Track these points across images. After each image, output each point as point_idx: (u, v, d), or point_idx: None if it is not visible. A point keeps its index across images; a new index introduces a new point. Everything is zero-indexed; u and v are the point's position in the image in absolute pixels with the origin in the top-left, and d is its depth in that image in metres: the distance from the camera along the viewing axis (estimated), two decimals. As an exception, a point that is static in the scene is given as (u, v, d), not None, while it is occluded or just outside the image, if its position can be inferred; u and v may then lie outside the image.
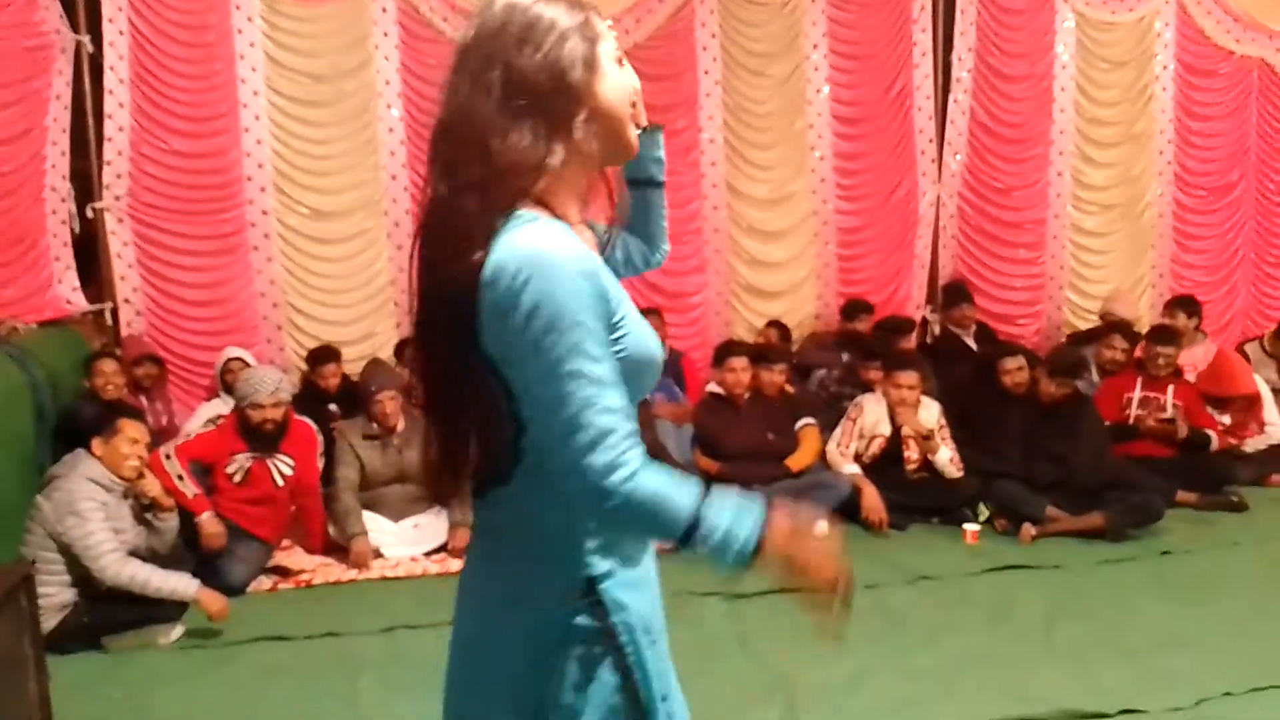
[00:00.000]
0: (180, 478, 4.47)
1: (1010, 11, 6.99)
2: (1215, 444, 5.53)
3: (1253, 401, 5.90)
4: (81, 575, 3.82)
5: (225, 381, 5.61)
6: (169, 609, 3.92)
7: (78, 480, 3.87)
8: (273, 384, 4.65)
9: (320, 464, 4.99)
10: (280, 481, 4.66)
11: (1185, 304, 6.43)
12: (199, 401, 5.91)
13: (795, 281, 7.01)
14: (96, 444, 3.99)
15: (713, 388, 5.55)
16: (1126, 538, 4.80)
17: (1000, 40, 7.02)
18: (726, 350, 5.57)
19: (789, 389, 5.62)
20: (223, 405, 5.34)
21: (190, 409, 5.94)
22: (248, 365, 5.71)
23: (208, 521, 4.43)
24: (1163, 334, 5.68)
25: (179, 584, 3.87)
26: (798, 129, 6.88)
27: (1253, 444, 5.81)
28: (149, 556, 4.03)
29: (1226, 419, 5.84)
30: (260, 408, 4.60)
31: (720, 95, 6.74)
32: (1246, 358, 6.30)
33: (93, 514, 3.81)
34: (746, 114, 6.77)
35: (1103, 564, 4.57)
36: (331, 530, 4.88)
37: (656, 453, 2.18)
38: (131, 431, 4.02)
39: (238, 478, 4.61)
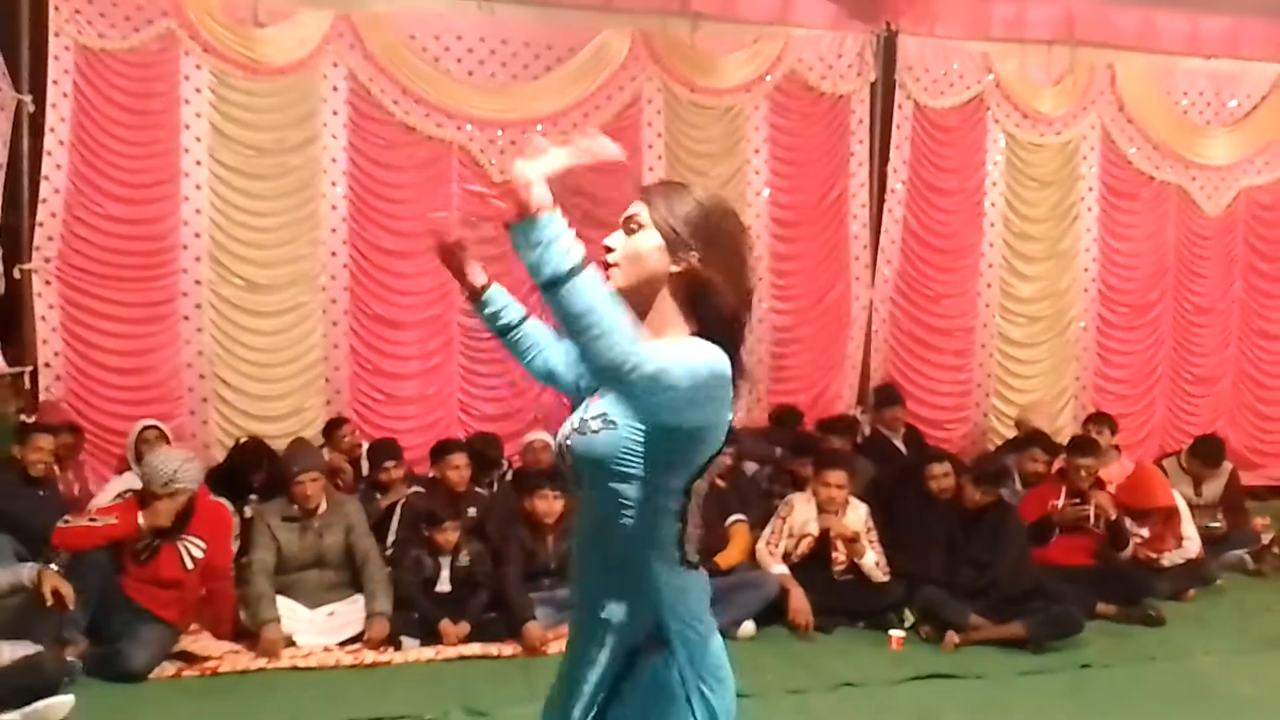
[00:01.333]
0: (92, 520, 4.35)
1: (943, 129, 7.29)
2: (1131, 549, 5.63)
3: (1170, 515, 6.01)
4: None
5: (139, 452, 5.43)
6: (45, 674, 3.76)
7: None
8: (167, 473, 4.37)
9: (235, 546, 4.82)
10: (190, 564, 4.47)
11: (1103, 420, 6.60)
12: (113, 473, 5.72)
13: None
14: None
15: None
16: (1047, 649, 4.82)
17: (933, 155, 7.30)
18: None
19: (720, 483, 5.61)
20: (135, 479, 5.15)
21: (104, 479, 5.74)
22: (163, 435, 5.55)
23: (149, 515, 4.32)
24: (1082, 445, 5.82)
25: (24, 646, 3.75)
26: (737, 229, 7.01)
27: (1170, 558, 5.90)
28: None
29: (1145, 532, 5.94)
30: (155, 496, 4.38)
31: (664, 191, 6.86)
32: (1164, 472, 6.46)
33: None
34: (688, 211, 6.89)
35: (1023, 675, 4.57)
36: (243, 615, 4.68)
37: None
38: None
39: (144, 557, 4.42)
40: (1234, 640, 5.08)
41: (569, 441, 1.79)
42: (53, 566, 4.14)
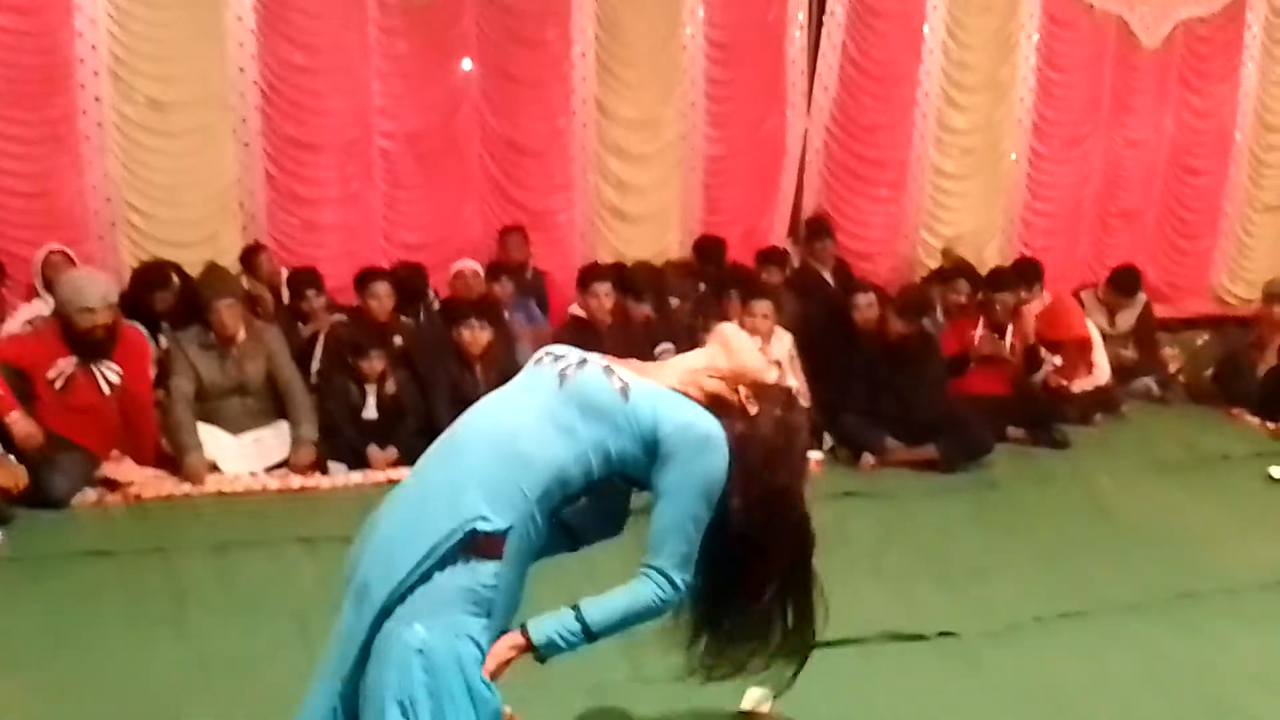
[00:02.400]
0: None
1: (885, -50, 7.00)
2: (1047, 370, 5.82)
3: (1084, 345, 6.21)
4: None
5: (46, 278, 5.23)
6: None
7: None
8: (102, 288, 4.33)
9: (153, 373, 4.73)
10: (107, 390, 4.39)
11: (1031, 267, 6.54)
12: (19, 301, 5.50)
13: (659, 207, 6.97)
14: None
15: (575, 311, 5.49)
16: (957, 469, 5.03)
17: (874, -24, 7.03)
18: (591, 274, 5.50)
19: (647, 316, 5.61)
20: (44, 306, 4.98)
21: (13, 308, 5.53)
22: (70, 259, 5.33)
23: (16, 422, 4.18)
24: (1001, 279, 5.92)
25: None
26: (670, 50, 6.76)
27: (1080, 385, 6.12)
28: None
29: (1058, 360, 6.12)
30: (90, 312, 4.28)
31: (593, 7, 6.56)
32: (1081, 304, 6.62)
33: None
34: (619, 29, 6.61)
35: (933, 493, 4.79)
36: (165, 444, 4.65)
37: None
38: None
39: (59, 384, 4.33)
40: (1133, 463, 5.34)
41: (585, 363, 1.93)
42: (11, 458, 4.06)
